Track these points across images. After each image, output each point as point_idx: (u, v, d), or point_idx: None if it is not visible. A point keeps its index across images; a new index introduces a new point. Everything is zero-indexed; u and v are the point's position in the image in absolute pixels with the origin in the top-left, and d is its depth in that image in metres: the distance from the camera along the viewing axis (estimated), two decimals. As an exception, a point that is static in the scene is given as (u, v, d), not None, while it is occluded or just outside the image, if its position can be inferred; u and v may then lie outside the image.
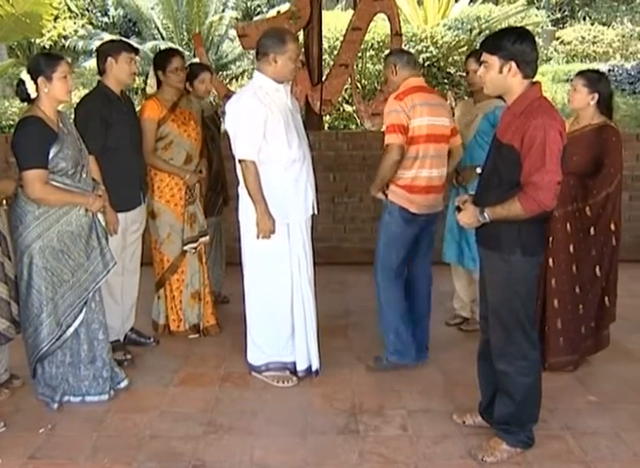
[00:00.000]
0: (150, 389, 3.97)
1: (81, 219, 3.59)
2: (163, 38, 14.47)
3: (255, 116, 3.73)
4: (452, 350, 4.52)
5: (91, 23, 16.41)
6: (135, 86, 11.82)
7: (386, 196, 4.04)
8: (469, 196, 3.25)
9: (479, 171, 4.40)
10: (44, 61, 3.49)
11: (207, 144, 4.96)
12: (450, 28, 11.81)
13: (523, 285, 3.09)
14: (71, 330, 3.65)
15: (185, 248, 4.64)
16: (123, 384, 3.93)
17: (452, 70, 10.68)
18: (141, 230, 4.49)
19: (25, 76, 3.44)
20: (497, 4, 14.42)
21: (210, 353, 4.48)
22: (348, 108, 9.56)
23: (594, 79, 3.97)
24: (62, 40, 15.00)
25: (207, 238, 4.77)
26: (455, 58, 10.68)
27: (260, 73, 3.84)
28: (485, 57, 3.02)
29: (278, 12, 7.93)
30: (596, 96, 3.93)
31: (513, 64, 2.95)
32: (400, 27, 6.67)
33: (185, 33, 14.41)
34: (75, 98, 6.08)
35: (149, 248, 4.69)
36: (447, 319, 4.99)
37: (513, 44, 2.94)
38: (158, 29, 14.73)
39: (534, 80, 3.05)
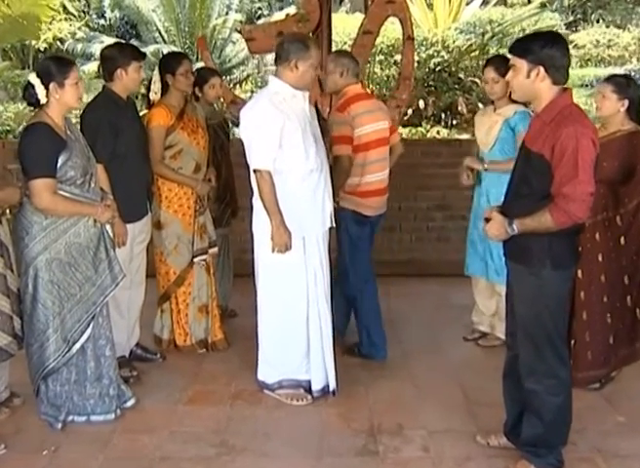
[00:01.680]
0: (158, 408, 3.93)
1: (89, 231, 3.56)
2: (165, 41, 14.46)
3: (270, 124, 3.69)
4: (471, 366, 4.48)
5: (87, 26, 16.42)
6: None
7: (337, 203, 4.22)
8: (496, 207, 3.22)
9: (486, 166, 4.48)
10: (56, 66, 3.46)
11: (215, 153, 4.94)
12: (462, 32, 11.80)
13: (554, 299, 3.05)
14: (77, 346, 3.61)
15: (195, 260, 4.61)
16: (130, 403, 3.89)
17: (463, 76, 10.66)
18: (147, 241, 4.46)
19: (35, 80, 3.41)
20: (509, 7, 14.38)
21: (219, 369, 4.44)
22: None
23: (623, 84, 3.94)
24: (58, 43, 15.01)
25: (216, 249, 4.75)
26: (466, 62, 10.66)
27: (278, 79, 3.81)
28: (513, 60, 3.00)
29: (287, 15, 7.89)
30: (626, 102, 3.90)
31: (541, 69, 2.92)
32: (412, 31, 6.65)
33: (188, 36, 14.41)
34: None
35: (152, 259, 4.65)
36: (464, 334, 4.96)
37: (542, 48, 2.92)
38: (160, 32, 14.73)
39: (564, 86, 3.02)
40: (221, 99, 6.29)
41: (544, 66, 2.92)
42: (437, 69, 10.43)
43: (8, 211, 3.62)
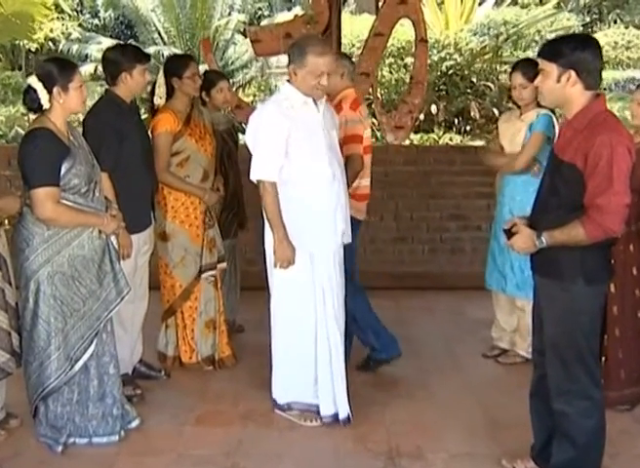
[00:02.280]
0: (164, 429, 3.87)
1: (94, 242, 3.51)
2: (164, 43, 14.42)
3: (275, 132, 3.65)
4: (492, 385, 4.43)
5: (80, 26, 16.40)
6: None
7: None
8: (519, 219, 3.16)
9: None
10: (59, 69, 3.42)
11: (223, 160, 4.90)
12: (475, 34, 11.76)
13: (586, 316, 3.00)
14: (80, 363, 3.55)
15: (204, 275, 4.57)
16: (134, 423, 3.83)
17: (475, 79, 10.61)
18: (150, 252, 4.42)
19: (37, 84, 3.36)
20: (523, 7, 14.31)
21: (227, 388, 4.38)
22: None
23: None
24: (50, 43, 15.00)
25: (225, 264, 4.71)
26: (478, 65, 10.61)
27: (289, 84, 3.77)
28: (542, 64, 2.96)
29: (295, 15, 7.87)
30: None
31: (573, 73, 2.88)
32: (426, 33, 6.62)
33: (189, 37, 14.36)
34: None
35: (156, 272, 4.60)
36: (483, 350, 4.90)
37: (574, 51, 2.87)
38: (159, 33, 14.68)
39: (597, 92, 2.97)
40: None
41: (576, 70, 2.87)
42: (450, 73, 10.38)
43: (6, 221, 3.57)
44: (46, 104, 3.38)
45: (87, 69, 13.65)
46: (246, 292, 5.29)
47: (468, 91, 10.52)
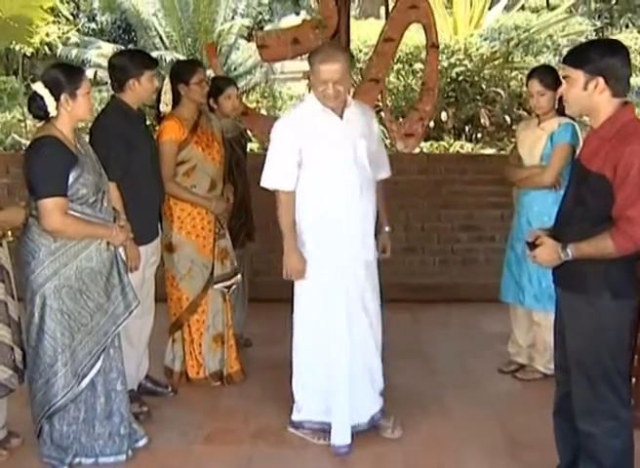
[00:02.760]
0: (173, 447, 3.84)
1: (102, 254, 3.48)
2: (166, 47, 14.38)
3: (286, 141, 3.69)
4: (510, 402, 4.40)
5: (78, 30, 16.39)
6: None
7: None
8: (542, 231, 3.13)
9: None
10: (66, 75, 3.39)
11: (231, 169, 4.87)
12: (486, 39, 11.69)
13: (613, 332, 2.95)
14: (87, 380, 3.51)
15: (216, 287, 4.54)
16: (142, 442, 3.79)
17: (485, 85, 10.56)
18: (157, 264, 4.39)
19: (43, 91, 3.34)
20: (534, 12, 14.23)
21: (237, 405, 4.34)
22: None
23: None
24: (46, 47, 14.99)
25: (239, 276, 4.69)
26: (488, 71, 10.56)
27: (311, 92, 3.79)
28: (568, 71, 2.92)
29: (303, 20, 7.86)
30: None
31: (601, 80, 2.84)
32: (437, 38, 6.59)
33: (191, 42, 14.28)
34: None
35: (162, 284, 4.56)
36: (500, 365, 4.86)
37: (602, 57, 2.84)
38: (161, 38, 14.61)
39: (625, 99, 2.94)
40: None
41: (604, 77, 2.84)
42: (459, 79, 10.34)
43: (9, 232, 3.52)
44: (53, 112, 3.36)
45: (86, 75, 13.56)
46: (253, 303, 5.28)
47: (477, 97, 10.48)
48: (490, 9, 13.58)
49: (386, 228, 4.04)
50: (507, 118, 10.50)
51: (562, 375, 3.19)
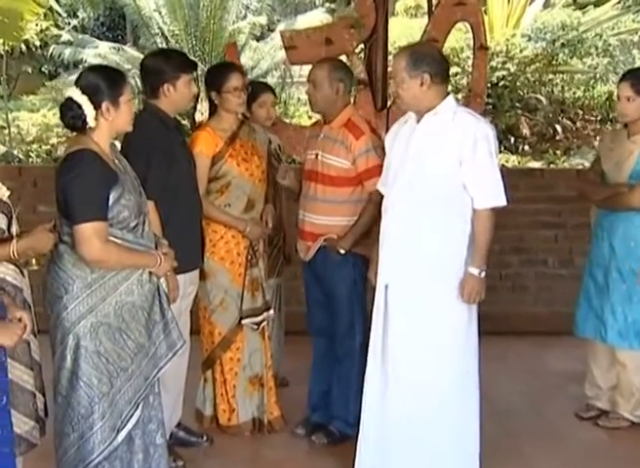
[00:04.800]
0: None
1: (144, 286, 3.28)
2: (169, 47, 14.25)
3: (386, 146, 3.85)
4: (596, 455, 4.23)
5: (56, 26, 16.23)
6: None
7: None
8: None
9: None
10: (107, 80, 3.20)
11: (269, 186, 4.69)
12: (530, 39, 11.48)
13: None
14: (124, 433, 3.30)
15: (244, 322, 4.38)
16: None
17: (526, 91, 10.42)
18: (194, 294, 4.23)
19: (81, 97, 3.13)
20: (580, 9, 13.96)
21: (282, 456, 4.18)
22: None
23: None
24: (33, 45, 14.87)
25: (272, 312, 4.53)
26: (528, 75, 10.41)
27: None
28: None
29: (338, 18, 7.72)
30: None
31: None
32: (486, 39, 6.48)
33: (199, 42, 14.06)
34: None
35: (195, 316, 4.38)
36: (576, 409, 4.70)
37: None
38: (165, 36, 14.39)
39: None
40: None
41: None
42: (501, 84, 10.19)
43: (34, 260, 3.28)
44: (91, 122, 3.15)
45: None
46: (289, 337, 5.14)
47: (517, 104, 10.32)
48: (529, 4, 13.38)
49: (472, 270, 3.62)
50: (551, 128, 10.34)
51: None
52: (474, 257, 3.61)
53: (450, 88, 10.22)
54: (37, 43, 15.23)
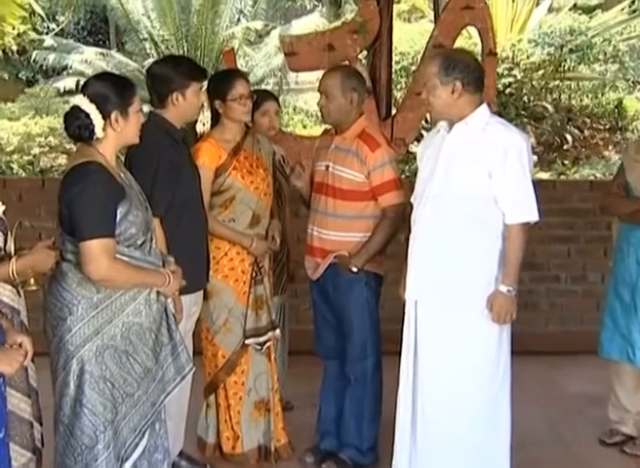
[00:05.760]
0: None
1: (152, 307, 3.25)
2: (159, 53, 14.17)
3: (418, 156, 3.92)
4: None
5: (35, 30, 16.19)
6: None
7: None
8: None
9: None
10: (117, 89, 3.17)
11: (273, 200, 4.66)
12: (537, 44, 11.47)
13: None
14: (129, 464, 3.26)
15: (248, 342, 4.34)
16: None
17: (532, 98, 10.42)
18: (197, 314, 4.21)
19: (89, 106, 3.08)
20: (587, 12, 13.97)
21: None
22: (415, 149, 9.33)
23: None
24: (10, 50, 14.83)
25: (278, 331, 4.49)
26: (534, 83, 10.42)
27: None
28: None
29: (343, 23, 7.74)
30: None
31: None
32: (495, 44, 6.49)
33: (191, 48, 14.05)
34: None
35: (197, 337, 4.37)
36: (599, 434, 4.66)
37: None
38: (154, 41, 14.33)
39: None
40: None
41: None
42: (507, 92, 10.20)
43: (32, 280, 3.22)
44: (99, 133, 3.10)
45: (66, 84, 13.36)
46: (293, 357, 5.10)
47: (522, 112, 10.32)
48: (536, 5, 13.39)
49: (501, 287, 3.60)
50: (558, 137, 10.33)
51: None
52: (504, 275, 3.59)
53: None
54: (14, 48, 15.21)
